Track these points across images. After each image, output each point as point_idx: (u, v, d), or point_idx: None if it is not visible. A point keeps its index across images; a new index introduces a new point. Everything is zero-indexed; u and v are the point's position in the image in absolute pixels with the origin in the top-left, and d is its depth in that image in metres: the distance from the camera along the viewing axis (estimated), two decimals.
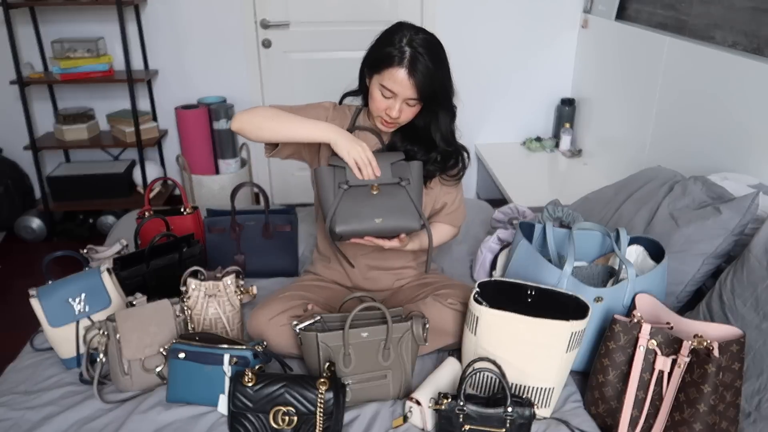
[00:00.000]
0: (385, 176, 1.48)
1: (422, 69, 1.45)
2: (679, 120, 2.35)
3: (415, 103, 1.51)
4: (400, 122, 1.55)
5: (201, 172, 3.33)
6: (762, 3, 2.01)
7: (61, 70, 2.95)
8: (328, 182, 1.48)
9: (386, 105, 1.51)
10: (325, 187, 1.48)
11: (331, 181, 1.48)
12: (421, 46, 1.46)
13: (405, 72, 1.45)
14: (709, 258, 1.61)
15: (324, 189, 1.49)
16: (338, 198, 1.46)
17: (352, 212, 1.45)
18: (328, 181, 1.49)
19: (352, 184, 1.47)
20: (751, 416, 1.33)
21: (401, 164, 1.52)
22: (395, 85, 1.47)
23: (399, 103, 1.49)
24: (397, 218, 1.46)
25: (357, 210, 1.45)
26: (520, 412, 1.25)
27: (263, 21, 3.23)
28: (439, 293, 1.61)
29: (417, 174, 1.52)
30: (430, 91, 1.49)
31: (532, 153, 3.41)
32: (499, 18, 3.29)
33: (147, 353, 1.43)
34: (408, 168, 1.51)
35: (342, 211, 1.45)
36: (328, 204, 1.47)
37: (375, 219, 1.45)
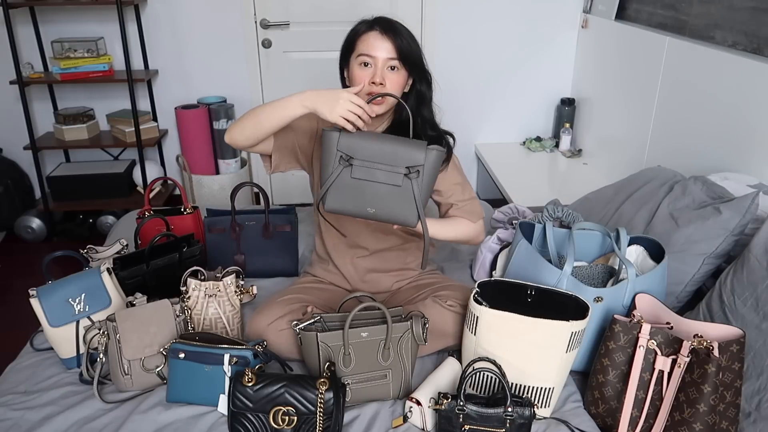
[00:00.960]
0: (394, 162, 1.36)
1: (394, 28, 1.48)
2: (679, 120, 2.35)
3: (396, 65, 1.49)
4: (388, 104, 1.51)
5: (201, 172, 3.33)
6: (762, 3, 2.01)
7: (61, 70, 2.95)
8: (331, 150, 1.37)
9: (369, 74, 1.48)
10: (327, 154, 1.37)
11: (333, 149, 1.36)
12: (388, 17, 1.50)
13: (378, 33, 1.47)
14: (709, 258, 1.61)
15: (325, 155, 1.38)
16: (336, 172, 1.36)
17: (348, 192, 1.36)
18: (331, 148, 1.36)
19: (355, 159, 1.35)
20: (751, 416, 1.33)
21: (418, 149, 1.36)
22: (371, 48, 1.47)
23: (381, 68, 1.48)
24: (392, 211, 1.38)
25: (353, 191, 1.37)
26: (520, 412, 1.25)
27: (263, 21, 3.23)
28: (439, 294, 1.61)
29: (432, 164, 1.38)
30: (408, 50, 1.48)
31: (532, 153, 3.41)
32: (498, 18, 3.29)
33: (147, 353, 1.43)
34: (425, 155, 1.37)
35: (337, 187, 1.36)
36: (326, 173, 1.38)
37: (368, 208, 1.37)
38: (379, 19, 1.51)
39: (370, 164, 1.36)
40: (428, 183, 1.39)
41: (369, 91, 1.49)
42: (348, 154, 1.36)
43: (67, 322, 1.49)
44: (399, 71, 1.50)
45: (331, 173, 1.36)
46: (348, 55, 1.53)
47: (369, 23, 1.50)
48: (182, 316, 1.50)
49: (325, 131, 1.37)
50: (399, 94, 1.52)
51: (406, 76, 1.53)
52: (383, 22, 1.49)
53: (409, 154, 1.36)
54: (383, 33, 1.47)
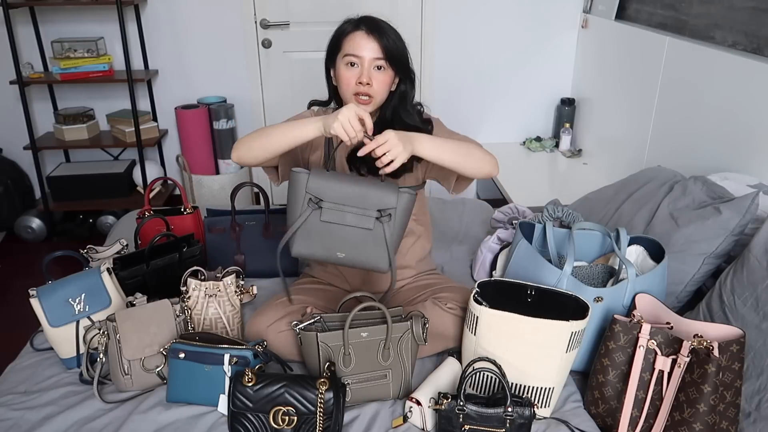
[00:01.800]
0: (365, 205, 1.35)
1: (380, 28, 1.48)
2: (679, 120, 2.35)
3: (383, 65, 1.49)
4: (374, 95, 1.51)
5: (201, 172, 3.33)
6: (762, 3, 2.01)
7: (61, 70, 2.95)
8: (299, 191, 1.34)
9: (355, 74, 1.49)
10: (294, 196, 1.35)
11: (302, 191, 1.34)
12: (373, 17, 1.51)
13: (364, 33, 1.48)
14: (709, 258, 1.61)
15: (292, 196, 1.35)
16: (305, 215, 1.33)
17: (316, 236, 1.33)
18: (300, 190, 1.34)
19: (325, 201, 1.32)
20: (751, 416, 1.33)
21: (390, 192, 1.36)
22: (357, 48, 1.47)
23: (367, 68, 1.48)
24: (362, 255, 1.36)
25: (322, 235, 1.33)
26: (520, 412, 1.25)
27: (263, 21, 3.23)
28: (439, 296, 1.60)
29: (404, 206, 1.37)
30: (393, 51, 1.48)
31: (532, 153, 3.41)
32: (499, 18, 3.29)
33: (147, 353, 1.43)
34: (396, 198, 1.36)
35: (305, 231, 1.34)
36: (293, 215, 1.35)
37: (337, 252, 1.34)
38: (364, 18, 1.51)
39: (340, 207, 1.33)
40: (400, 226, 1.38)
41: (356, 92, 1.50)
42: (317, 197, 1.33)
43: (67, 322, 1.49)
44: (385, 71, 1.50)
45: (299, 216, 1.33)
46: (334, 55, 1.54)
47: (355, 23, 1.51)
48: (182, 316, 1.50)
49: (293, 172, 1.35)
50: (385, 93, 1.53)
51: (392, 75, 1.53)
52: (369, 22, 1.50)
53: (380, 197, 1.34)
54: (369, 33, 1.48)
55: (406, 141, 1.35)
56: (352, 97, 1.52)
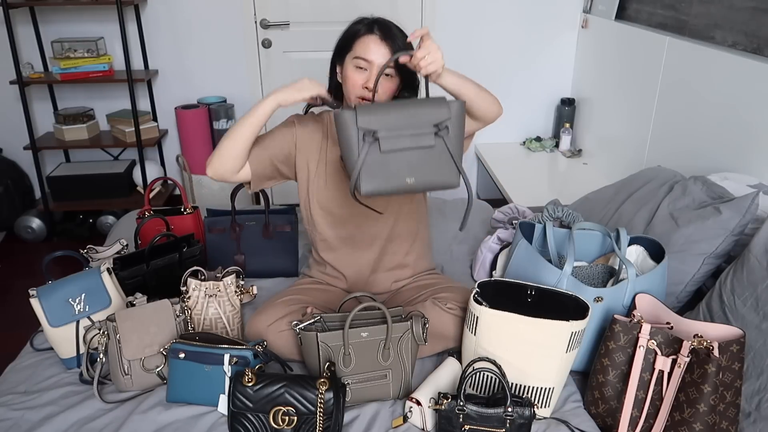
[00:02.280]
0: (420, 125, 1.28)
1: (393, 35, 1.47)
2: (679, 120, 2.35)
3: (391, 73, 1.49)
4: (379, 99, 1.50)
5: (201, 172, 3.33)
6: (762, 3, 2.01)
7: (61, 70, 2.95)
8: (350, 130, 1.27)
9: (363, 78, 1.48)
10: (347, 136, 1.27)
11: (353, 129, 1.26)
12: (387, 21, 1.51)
13: (377, 37, 1.47)
14: (709, 258, 1.61)
15: (345, 137, 1.28)
16: (364, 152, 1.26)
17: (380, 169, 1.26)
18: (350, 128, 1.27)
19: (380, 132, 1.25)
20: (751, 416, 1.33)
21: (440, 105, 1.29)
22: (369, 52, 1.47)
23: (374, 73, 1.47)
24: (430, 175, 1.28)
25: (386, 167, 1.26)
26: (520, 412, 1.25)
27: (263, 21, 3.23)
28: (439, 297, 1.60)
29: (457, 115, 1.30)
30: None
31: (532, 153, 3.41)
32: (499, 18, 3.29)
33: (147, 353, 1.43)
34: (448, 109, 1.29)
35: (368, 168, 1.26)
36: (351, 157, 1.28)
37: (406, 179, 1.27)
38: (378, 21, 1.50)
39: (396, 133, 1.27)
40: (459, 136, 1.31)
41: (360, 95, 1.50)
42: (371, 129, 1.26)
43: (67, 322, 1.49)
44: (393, 78, 1.51)
45: (359, 155, 1.26)
46: (343, 53, 1.53)
47: (368, 25, 1.49)
48: (182, 316, 1.50)
49: (340, 113, 1.27)
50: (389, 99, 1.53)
51: (398, 83, 1.53)
52: (383, 27, 1.49)
53: (432, 113, 1.28)
54: (382, 39, 1.47)
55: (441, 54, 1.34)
56: (356, 99, 1.51)
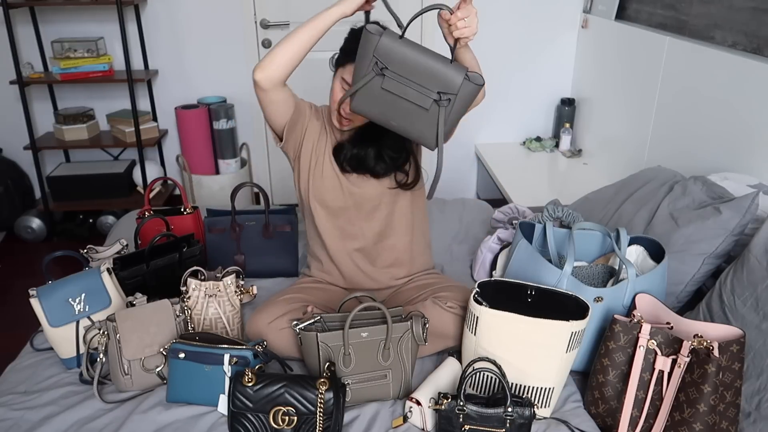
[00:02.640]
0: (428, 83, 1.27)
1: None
2: (679, 120, 2.35)
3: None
4: (356, 119, 1.54)
5: (201, 172, 3.33)
6: (762, 3, 2.01)
7: (61, 70, 2.95)
8: (368, 52, 1.27)
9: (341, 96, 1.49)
10: (363, 56, 1.28)
11: (370, 52, 1.27)
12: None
13: None
14: (709, 258, 1.61)
15: (361, 56, 1.29)
16: (367, 78, 1.28)
17: (375, 100, 1.30)
18: (368, 50, 1.27)
19: (389, 69, 1.26)
20: (751, 416, 1.33)
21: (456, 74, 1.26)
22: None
23: None
24: (414, 129, 1.32)
25: (381, 100, 1.30)
26: (520, 412, 1.25)
27: (263, 21, 3.23)
28: (439, 296, 1.61)
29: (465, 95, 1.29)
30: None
31: (532, 153, 3.41)
32: (499, 18, 3.29)
33: (147, 353, 1.43)
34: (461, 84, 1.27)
35: (366, 92, 1.30)
36: (358, 75, 1.31)
37: (391, 120, 1.32)
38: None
39: (403, 79, 1.27)
40: (456, 114, 1.32)
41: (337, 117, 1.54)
42: (383, 62, 1.26)
43: (67, 322, 1.49)
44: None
45: (363, 77, 1.29)
46: (338, 65, 1.53)
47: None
48: (182, 316, 1.50)
49: (366, 30, 1.27)
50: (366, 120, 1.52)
51: None
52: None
53: (445, 78, 1.26)
54: None
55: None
56: (334, 112, 1.55)
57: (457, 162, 3.55)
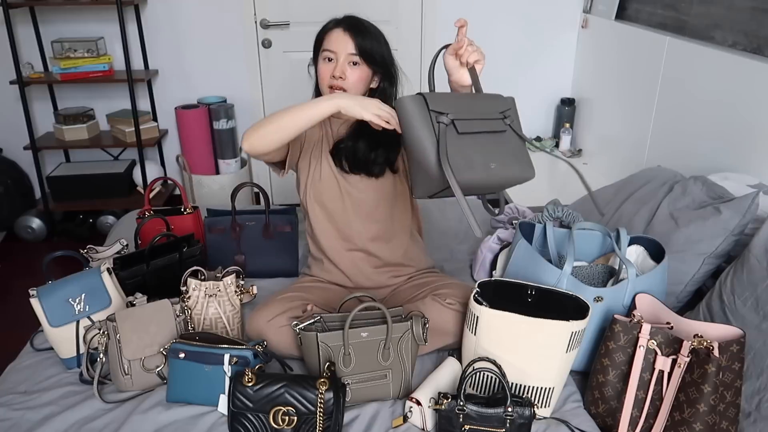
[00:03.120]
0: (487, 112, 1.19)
1: (358, 26, 1.54)
2: (679, 120, 2.35)
3: (357, 61, 1.54)
4: (348, 88, 1.54)
5: (201, 172, 3.33)
6: (762, 3, 2.01)
7: (61, 70, 2.95)
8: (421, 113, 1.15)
9: (330, 68, 1.55)
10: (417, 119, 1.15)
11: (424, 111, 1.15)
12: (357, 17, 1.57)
13: (340, 30, 1.54)
14: (709, 258, 1.61)
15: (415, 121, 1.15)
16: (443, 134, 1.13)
17: (461, 157, 1.13)
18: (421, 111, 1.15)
19: (452, 114, 1.14)
20: (751, 416, 1.33)
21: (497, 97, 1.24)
22: (333, 43, 1.54)
23: (341, 62, 1.53)
24: (512, 163, 1.20)
25: (464, 152, 1.14)
26: (520, 412, 1.25)
27: (263, 21, 3.23)
28: (438, 293, 1.61)
29: (514, 107, 1.25)
30: (369, 47, 1.54)
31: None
32: (499, 18, 3.29)
33: (147, 353, 1.43)
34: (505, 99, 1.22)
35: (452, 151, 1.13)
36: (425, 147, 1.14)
37: (490, 164, 1.16)
38: (346, 17, 1.58)
39: (468, 117, 1.18)
40: (519, 127, 1.26)
41: (330, 84, 1.55)
42: (443, 111, 1.16)
43: (67, 322, 1.49)
44: (361, 67, 1.55)
45: (438, 137, 1.13)
46: (316, 53, 1.61)
47: (336, 21, 1.58)
48: (182, 316, 1.50)
49: (401, 100, 1.18)
50: (360, 89, 1.57)
51: (369, 72, 1.57)
52: (348, 20, 1.57)
53: (494, 102, 1.25)
54: (346, 30, 1.54)
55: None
56: (327, 90, 1.57)
57: None
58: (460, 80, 1.34)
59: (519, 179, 1.23)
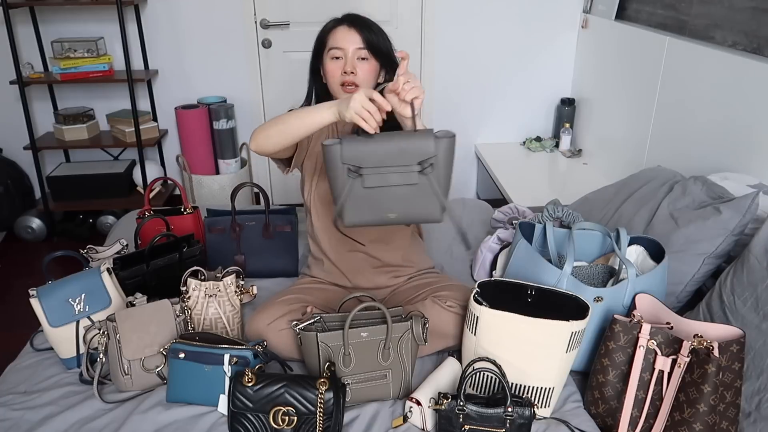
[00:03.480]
0: (405, 161, 1.27)
1: (361, 21, 1.55)
2: (679, 120, 2.35)
3: (366, 55, 1.54)
4: (360, 83, 1.55)
5: (201, 172, 3.33)
6: (762, 3, 2.01)
7: (61, 70, 2.95)
8: (336, 164, 1.28)
9: (340, 66, 1.55)
10: (333, 169, 1.28)
11: (338, 162, 1.27)
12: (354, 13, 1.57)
13: (345, 26, 1.55)
14: (709, 258, 1.61)
15: (332, 170, 1.29)
16: (347, 186, 1.27)
17: (364, 203, 1.28)
18: (336, 162, 1.27)
19: (364, 168, 1.26)
20: (751, 416, 1.33)
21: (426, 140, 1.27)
22: (340, 41, 1.54)
23: (351, 58, 1.54)
24: (413, 210, 1.30)
25: (369, 201, 1.28)
26: (520, 412, 1.25)
27: (263, 21, 3.23)
28: (438, 295, 1.61)
29: (444, 152, 1.29)
30: (376, 41, 1.54)
31: (532, 153, 3.41)
32: (499, 18, 3.29)
33: (147, 353, 1.43)
34: (434, 145, 1.27)
35: (353, 201, 1.28)
36: (337, 188, 1.30)
37: (388, 214, 1.29)
38: (346, 15, 1.58)
39: (381, 170, 1.27)
40: (446, 172, 1.31)
41: (342, 81, 1.55)
42: (355, 165, 1.27)
43: (67, 322, 1.49)
44: (369, 61, 1.56)
45: (343, 188, 1.29)
46: (321, 54, 1.60)
47: (337, 20, 1.58)
48: (182, 316, 1.50)
49: (326, 145, 1.28)
50: (371, 82, 1.57)
51: (377, 66, 1.58)
52: (351, 17, 1.57)
53: (418, 148, 1.27)
54: (351, 26, 1.55)
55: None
56: (339, 88, 1.57)
57: (457, 162, 3.52)
58: (403, 113, 1.36)
59: (422, 221, 1.34)
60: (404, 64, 1.36)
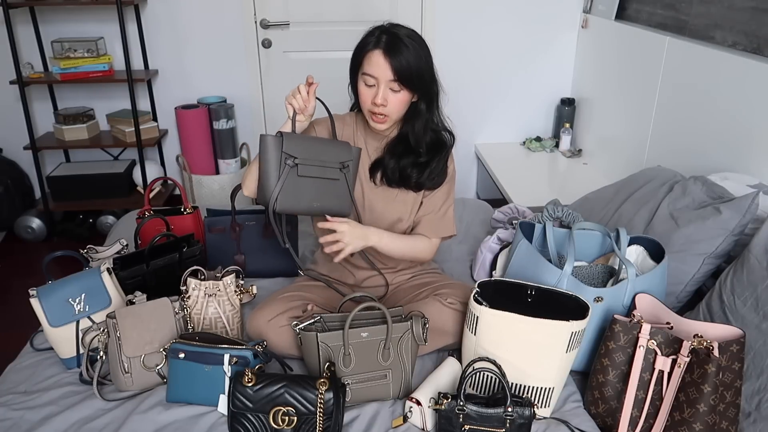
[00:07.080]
0: (330, 159, 1.51)
1: (398, 49, 1.47)
2: (679, 120, 2.35)
3: (399, 88, 1.50)
4: (390, 114, 1.54)
5: (201, 172, 3.33)
6: (762, 3, 2.01)
7: (61, 70, 2.95)
8: (274, 152, 1.45)
9: (371, 94, 1.51)
10: (270, 157, 1.45)
11: (278, 152, 1.45)
12: (398, 31, 1.50)
13: (381, 53, 1.48)
14: (709, 258, 1.61)
15: (268, 157, 1.45)
16: (285, 173, 1.45)
17: (295, 190, 1.47)
18: (274, 151, 1.45)
19: (299, 159, 1.46)
20: (751, 416, 1.33)
21: (347, 147, 1.55)
22: (373, 67, 1.49)
23: (382, 89, 1.50)
24: (332, 203, 1.53)
25: (300, 189, 1.48)
26: (520, 412, 1.25)
27: (263, 21, 3.23)
28: (439, 293, 1.61)
29: (356, 159, 1.57)
30: (409, 74, 1.49)
31: (532, 153, 3.41)
32: (499, 18, 3.29)
33: (147, 350, 1.43)
34: (350, 152, 1.55)
35: (286, 187, 1.46)
36: (269, 175, 1.45)
37: (314, 203, 1.50)
38: (386, 34, 1.49)
39: (312, 163, 1.48)
40: (355, 175, 1.59)
41: (371, 110, 1.54)
42: (293, 155, 1.45)
43: (67, 322, 1.49)
44: (402, 92, 1.52)
45: (281, 174, 1.45)
46: (356, 68, 1.55)
47: (376, 39, 1.49)
48: (182, 314, 1.50)
49: (264, 137, 1.45)
50: (402, 111, 1.57)
51: (409, 95, 1.54)
52: (389, 41, 1.48)
53: (339, 153, 1.53)
54: (386, 54, 1.47)
55: (359, 237, 1.53)
56: (368, 113, 1.55)
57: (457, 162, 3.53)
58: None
59: (335, 214, 1.54)
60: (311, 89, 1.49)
